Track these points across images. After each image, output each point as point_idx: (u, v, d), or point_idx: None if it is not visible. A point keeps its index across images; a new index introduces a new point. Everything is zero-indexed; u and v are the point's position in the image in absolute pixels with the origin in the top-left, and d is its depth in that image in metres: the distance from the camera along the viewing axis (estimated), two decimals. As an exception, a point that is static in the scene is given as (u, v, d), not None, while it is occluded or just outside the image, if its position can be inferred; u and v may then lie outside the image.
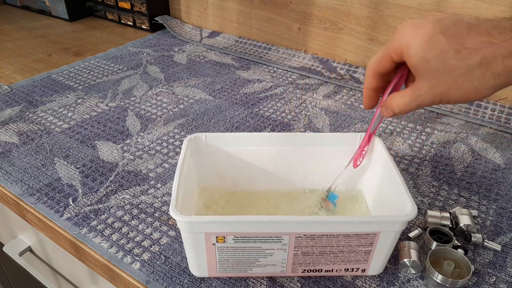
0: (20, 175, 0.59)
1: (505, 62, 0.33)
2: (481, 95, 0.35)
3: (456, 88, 0.35)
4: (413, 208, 0.39)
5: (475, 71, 0.34)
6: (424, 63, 0.35)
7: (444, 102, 0.36)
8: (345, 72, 0.88)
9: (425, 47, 0.34)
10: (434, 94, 0.36)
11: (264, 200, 0.52)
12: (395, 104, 0.39)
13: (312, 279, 0.45)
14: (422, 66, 0.35)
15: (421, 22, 0.35)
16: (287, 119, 0.73)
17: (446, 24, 0.34)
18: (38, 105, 0.76)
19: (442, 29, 0.34)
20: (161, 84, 0.84)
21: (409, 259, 0.44)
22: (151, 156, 0.63)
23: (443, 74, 0.34)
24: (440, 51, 0.34)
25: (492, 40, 0.33)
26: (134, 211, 0.53)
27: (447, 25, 0.34)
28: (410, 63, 0.36)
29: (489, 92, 0.35)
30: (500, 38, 0.33)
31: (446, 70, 0.34)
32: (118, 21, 1.17)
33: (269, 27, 0.99)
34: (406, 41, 0.36)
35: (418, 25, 0.35)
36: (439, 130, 0.70)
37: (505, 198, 0.56)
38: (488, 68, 0.33)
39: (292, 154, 0.51)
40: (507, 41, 0.32)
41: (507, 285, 0.44)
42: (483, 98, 0.35)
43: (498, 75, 0.33)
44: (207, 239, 0.40)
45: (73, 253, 0.52)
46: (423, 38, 0.35)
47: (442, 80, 0.35)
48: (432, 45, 0.34)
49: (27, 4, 1.28)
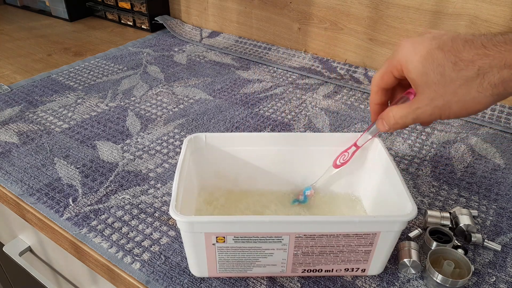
0: (20, 175, 0.59)
1: (501, 73, 0.34)
2: (481, 106, 0.36)
3: (456, 100, 0.36)
4: (413, 208, 0.39)
5: (473, 81, 0.34)
6: (424, 77, 0.36)
7: (444, 116, 0.37)
8: (345, 72, 0.88)
9: (423, 61, 0.36)
10: (434, 107, 0.37)
11: (265, 200, 0.52)
12: (391, 115, 0.40)
13: (312, 279, 0.45)
14: (421, 80, 0.36)
15: (419, 39, 0.37)
16: (287, 119, 0.73)
17: (443, 40, 0.36)
18: (38, 105, 0.76)
19: (439, 45, 0.35)
20: (161, 84, 0.84)
21: (409, 259, 0.44)
22: (151, 156, 0.63)
23: (442, 86, 0.35)
24: (438, 64, 0.35)
25: (487, 52, 0.34)
26: (134, 211, 0.53)
27: (444, 41, 0.36)
28: (410, 77, 0.37)
29: (488, 102, 0.35)
30: (495, 50, 0.34)
31: (445, 82, 0.35)
32: (118, 21, 1.17)
33: (269, 27, 0.99)
34: (405, 57, 0.37)
35: (416, 42, 0.37)
36: (439, 130, 0.70)
37: (505, 198, 0.56)
38: (485, 78, 0.34)
39: (292, 154, 0.51)
40: (502, 53, 0.33)
41: (507, 285, 0.44)
42: (483, 109, 0.36)
43: (495, 85, 0.34)
44: (207, 239, 0.40)
45: (73, 253, 0.52)
46: (421, 53, 0.36)
47: (442, 92, 0.36)
48: (430, 59, 0.35)
49: (27, 4, 1.28)
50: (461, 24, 0.73)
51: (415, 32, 0.79)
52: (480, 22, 0.71)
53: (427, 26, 0.77)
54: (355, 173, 0.52)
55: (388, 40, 0.83)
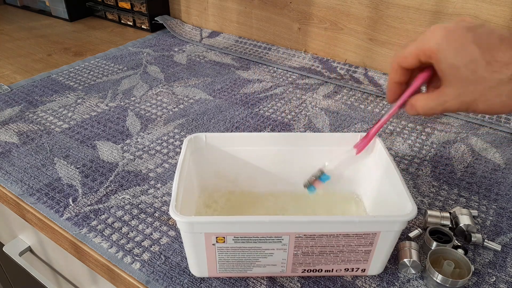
0: (20, 175, 0.59)
1: None
2: (508, 110, 0.35)
3: (484, 100, 0.35)
4: (413, 208, 0.39)
5: (505, 85, 0.33)
6: (454, 70, 0.35)
7: (470, 110, 0.36)
8: (345, 72, 0.88)
9: (456, 53, 0.34)
10: (461, 102, 0.36)
11: (265, 200, 0.52)
12: (420, 106, 0.39)
13: (312, 279, 0.45)
14: (451, 73, 0.35)
15: (454, 27, 0.35)
16: (287, 119, 0.73)
17: (478, 33, 0.34)
18: (38, 105, 0.76)
19: (475, 38, 0.34)
20: (161, 84, 0.84)
21: (409, 259, 0.44)
22: (151, 156, 0.63)
23: (472, 83, 0.34)
24: (470, 60, 0.34)
25: None
26: (134, 211, 0.53)
27: (479, 34, 0.34)
28: (439, 67, 0.36)
29: None
30: None
31: (475, 80, 0.34)
32: (118, 21, 1.17)
33: (269, 27, 0.99)
34: (436, 44, 0.35)
35: (450, 30, 0.35)
36: (439, 130, 0.70)
37: (505, 198, 0.56)
38: None
39: (292, 154, 0.51)
40: None
41: (507, 285, 0.44)
42: (509, 112, 0.35)
43: None
44: (207, 239, 0.40)
45: (73, 253, 0.52)
46: (455, 44, 0.34)
47: (471, 90, 0.35)
48: (464, 53, 0.34)
49: (27, 4, 1.28)
50: (461, 24, 0.73)
51: (415, 32, 0.79)
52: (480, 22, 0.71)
53: (427, 26, 0.77)
54: (355, 173, 0.52)
55: (388, 40, 0.83)
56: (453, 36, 0.35)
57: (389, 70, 0.41)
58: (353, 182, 0.53)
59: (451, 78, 0.35)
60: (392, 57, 0.40)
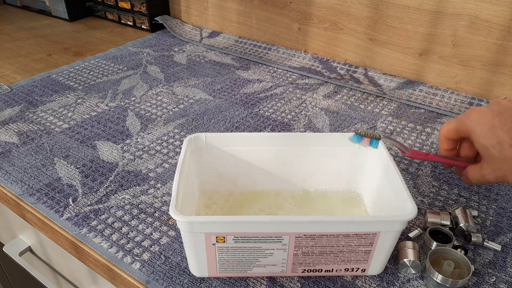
0: (20, 175, 0.59)
1: None
2: None
3: None
4: (413, 208, 0.39)
5: None
6: (485, 150, 0.41)
7: (506, 182, 0.42)
8: (345, 72, 0.88)
9: (484, 136, 0.40)
10: (497, 176, 0.41)
11: (265, 200, 0.52)
12: (470, 177, 0.45)
13: (312, 279, 0.45)
14: (483, 151, 0.41)
15: (485, 111, 0.41)
16: (287, 119, 0.73)
17: (505, 117, 0.39)
18: (38, 105, 0.76)
19: (500, 122, 0.39)
20: (161, 84, 0.84)
21: (409, 259, 0.44)
22: (151, 156, 0.63)
23: (500, 161, 0.40)
24: (497, 141, 0.39)
25: None
26: (134, 211, 0.53)
27: (505, 119, 0.39)
28: (476, 145, 0.42)
29: None
30: None
31: (502, 159, 0.39)
32: (118, 21, 1.17)
33: (269, 27, 0.99)
34: (471, 127, 0.41)
35: (482, 114, 0.41)
36: (439, 130, 0.70)
37: (505, 198, 0.56)
38: None
39: (292, 154, 0.51)
40: None
41: (507, 285, 0.44)
42: None
43: None
44: (207, 239, 0.40)
45: (73, 253, 0.52)
46: (483, 128, 0.40)
47: (500, 167, 0.40)
48: (491, 135, 0.40)
49: (27, 4, 1.28)
50: (461, 24, 0.73)
51: (415, 32, 0.79)
52: (480, 22, 0.71)
53: (427, 26, 0.77)
54: (355, 172, 0.52)
55: (388, 40, 0.83)
56: (483, 119, 0.40)
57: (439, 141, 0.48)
58: (353, 182, 0.53)
59: (485, 156, 0.41)
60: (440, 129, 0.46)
